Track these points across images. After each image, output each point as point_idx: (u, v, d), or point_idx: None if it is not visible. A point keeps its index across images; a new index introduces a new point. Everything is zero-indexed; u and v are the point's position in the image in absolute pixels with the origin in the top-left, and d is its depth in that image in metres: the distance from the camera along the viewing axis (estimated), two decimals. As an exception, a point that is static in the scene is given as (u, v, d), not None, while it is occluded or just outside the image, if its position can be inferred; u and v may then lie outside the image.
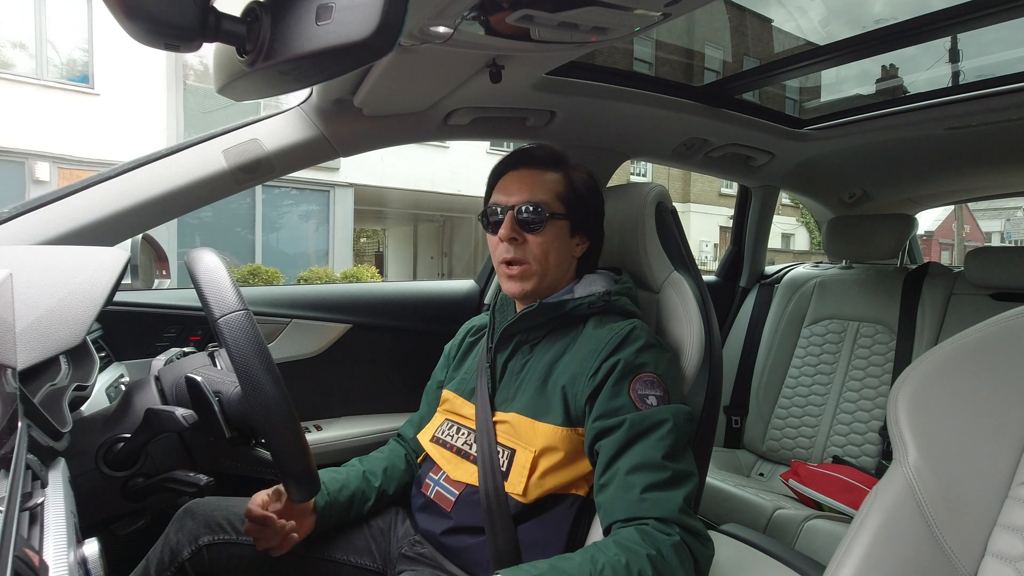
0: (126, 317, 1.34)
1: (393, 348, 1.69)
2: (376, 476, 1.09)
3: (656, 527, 0.79)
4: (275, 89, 0.65)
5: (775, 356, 2.19)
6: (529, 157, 1.07)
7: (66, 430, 0.69)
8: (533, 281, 1.02)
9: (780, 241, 17.73)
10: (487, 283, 1.84)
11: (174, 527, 0.99)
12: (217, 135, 1.18)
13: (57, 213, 1.04)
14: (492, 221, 1.04)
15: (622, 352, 0.93)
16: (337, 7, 0.48)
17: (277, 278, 9.11)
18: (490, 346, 1.08)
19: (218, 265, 0.83)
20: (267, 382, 0.75)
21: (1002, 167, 2.09)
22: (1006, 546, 0.59)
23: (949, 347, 0.68)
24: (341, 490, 1.04)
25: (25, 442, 0.53)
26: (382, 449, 1.19)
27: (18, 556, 0.37)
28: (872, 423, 1.92)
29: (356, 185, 10.95)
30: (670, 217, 1.20)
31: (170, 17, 0.48)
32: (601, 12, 0.88)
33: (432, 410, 1.18)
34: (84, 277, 0.74)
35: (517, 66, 1.11)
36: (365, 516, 1.08)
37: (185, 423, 0.79)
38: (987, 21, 1.21)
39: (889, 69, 1.71)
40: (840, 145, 1.96)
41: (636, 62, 1.60)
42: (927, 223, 22.09)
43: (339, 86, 1.15)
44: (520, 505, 0.92)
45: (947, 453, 0.64)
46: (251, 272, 9.05)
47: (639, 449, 0.85)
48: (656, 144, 1.74)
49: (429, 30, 0.87)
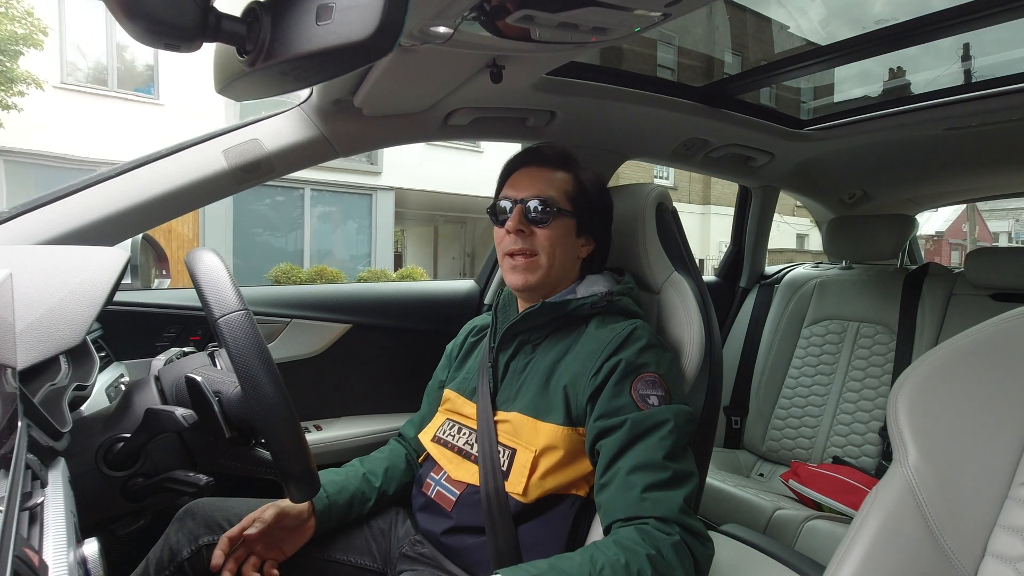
0: (126, 317, 1.34)
1: (393, 348, 1.69)
2: (376, 476, 1.09)
3: (656, 527, 0.79)
4: (275, 89, 0.65)
5: (775, 356, 2.19)
6: (540, 155, 1.08)
7: (66, 430, 0.69)
8: (538, 274, 1.03)
9: (795, 241, 17.94)
10: (487, 283, 1.84)
11: (174, 527, 0.99)
12: (217, 135, 1.18)
13: (57, 213, 1.04)
14: (500, 215, 1.06)
15: (624, 352, 0.93)
16: (337, 7, 0.48)
17: (340, 278, 9.62)
18: (492, 346, 1.08)
19: (218, 265, 0.83)
20: (267, 382, 0.75)
21: (1003, 167, 2.09)
22: (1006, 547, 0.60)
23: (949, 347, 0.68)
24: (340, 492, 1.04)
25: (25, 442, 0.53)
26: (382, 449, 1.19)
27: (18, 556, 0.37)
28: (872, 423, 1.92)
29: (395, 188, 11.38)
30: (670, 218, 1.20)
31: (170, 17, 0.48)
32: (601, 12, 0.88)
33: (433, 410, 1.18)
34: (84, 277, 0.74)
35: (517, 66, 1.11)
36: (365, 516, 1.08)
37: (185, 423, 0.79)
38: (988, 22, 1.21)
39: (896, 71, 1.71)
40: (840, 145, 1.96)
41: (637, 63, 1.60)
42: (937, 223, 22.13)
43: (339, 86, 1.15)
44: (520, 505, 0.92)
45: (947, 453, 0.64)
46: (317, 273, 9.50)
47: (640, 449, 0.85)
48: (656, 144, 1.74)
49: (429, 30, 0.87)
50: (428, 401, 1.22)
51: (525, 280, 1.03)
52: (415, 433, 1.18)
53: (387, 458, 1.15)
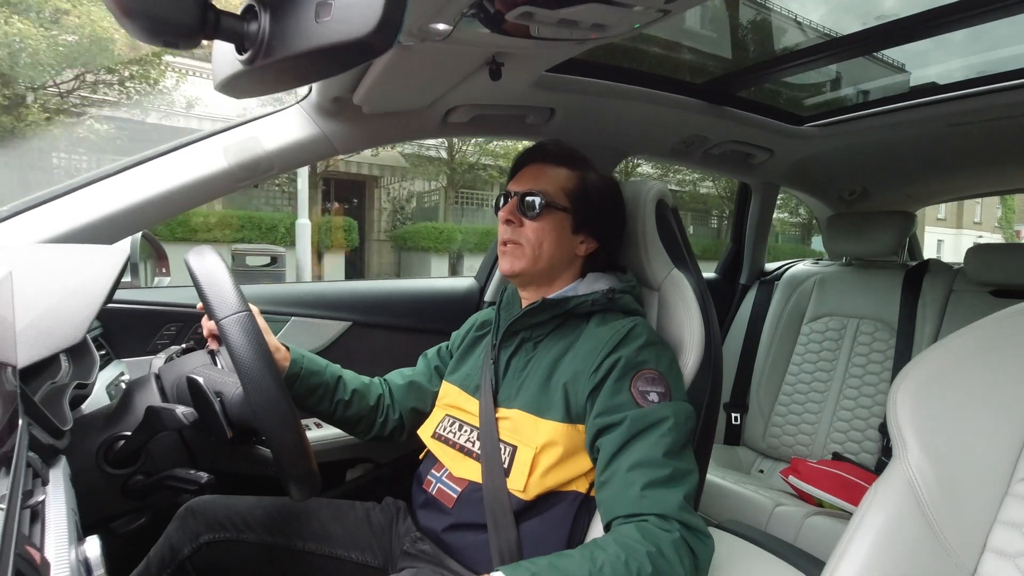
0: (126, 315, 1.34)
1: (393, 346, 1.69)
2: (345, 391, 1.13)
3: (656, 524, 0.79)
4: (274, 87, 0.65)
5: (775, 353, 2.20)
6: (544, 152, 1.09)
7: (67, 428, 0.69)
8: (523, 262, 1.04)
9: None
10: (487, 281, 1.84)
11: (175, 525, 1.00)
12: (217, 133, 1.18)
13: (57, 211, 1.04)
14: (501, 206, 1.09)
15: (623, 349, 0.93)
16: (336, 4, 0.48)
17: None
18: (495, 343, 1.09)
19: (219, 265, 0.83)
20: (269, 383, 0.76)
21: (1003, 163, 2.09)
22: (1006, 542, 0.60)
23: (948, 344, 0.68)
24: (312, 375, 1.08)
25: (26, 440, 0.53)
26: (364, 378, 1.20)
27: (19, 554, 0.37)
28: (872, 420, 1.92)
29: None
30: (670, 215, 1.20)
31: (169, 15, 0.48)
32: (601, 9, 0.87)
33: (424, 373, 1.22)
34: (84, 275, 0.74)
35: (517, 64, 1.11)
36: (366, 511, 1.10)
37: (185, 421, 0.79)
38: (990, 17, 1.20)
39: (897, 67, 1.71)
40: (840, 142, 1.95)
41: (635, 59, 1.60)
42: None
43: (338, 84, 1.15)
44: (521, 502, 0.93)
45: (946, 450, 0.64)
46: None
47: (640, 446, 0.85)
48: (655, 141, 1.74)
49: (429, 28, 0.87)
50: (424, 361, 1.25)
51: (511, 265, 1.05)
52: (401, 382, 1.21)
53: (364, 386, 1.17)
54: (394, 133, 1.35)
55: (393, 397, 1.20)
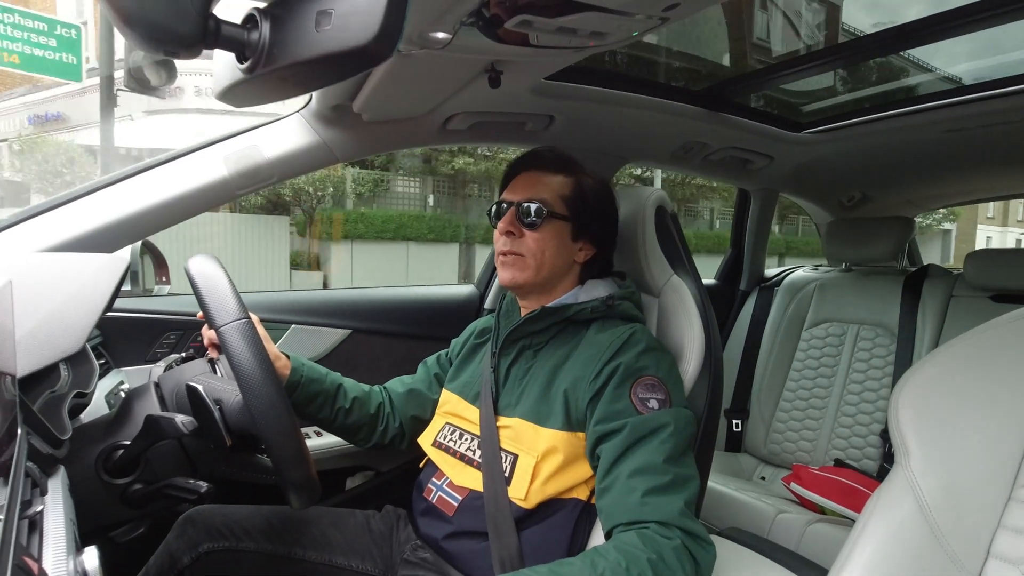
0: (125, 323, 1.34)
1: (393, 353, 1.69)
2: (346, 398, 1.12)
3: (657, 531, 0.79)
4: (275, 95, 0.65)
5: (775, 359, 2.19)
6: (539, 159, 1.09)
7: (66, 437, 0.69)
8: (526, 273, 1.03)
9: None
10: (487, 288, 1.84)
11: (174, 534, 0.99)
12: (217, 141, 1.18)
13: (57, 220, 1.04)
14: (496, 216, 1.07)
15: (623, 356, 0.93)
16: (336, 13, 0.48)
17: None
18: (494, 351, 1.08)
19: (219, 273, 0.83)
20: (269, 391, 0.76)
21: (1003, 169, 2.10)
22: (1010, 547, 0.59)
23: (949, 350, 0.68)
24: (313, 383, 1.08)
25: (25, 450, 0.53)
26: (365, 386, 1.20)
27: (17, 564, 0.37)
28: (873, 426, 1.92)
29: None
30: (670, 220, 1.20)
31: (170, 24, 0.48)
32: (599, 17, 0.88)
33: (424, 380, 1.22)
34: (84, 284, 0.74)
35: (516, 71, 1.11)
36: (366, 519, 1.09)
37: (185, 429, 0.79)
38: (987, 24, 1.21)
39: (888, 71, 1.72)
40: (839, 148, 1.96)
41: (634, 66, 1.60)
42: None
43: (338, 92, 1.15)
44: (522, 510, 0.92)
45: (948, 455, 0.63)
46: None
47: (640, 453, 0.85)
48: (655, 147, 1.74)
49: (428, 36, 0.88)
50: (424, 369, 1.25)
51: (513, 277, 1.04)
52: (401, 390, 1.21)
53: (365, 394, 1.17)
54: (394, 140, 1.36)
55: (393, 405, 1.19)
